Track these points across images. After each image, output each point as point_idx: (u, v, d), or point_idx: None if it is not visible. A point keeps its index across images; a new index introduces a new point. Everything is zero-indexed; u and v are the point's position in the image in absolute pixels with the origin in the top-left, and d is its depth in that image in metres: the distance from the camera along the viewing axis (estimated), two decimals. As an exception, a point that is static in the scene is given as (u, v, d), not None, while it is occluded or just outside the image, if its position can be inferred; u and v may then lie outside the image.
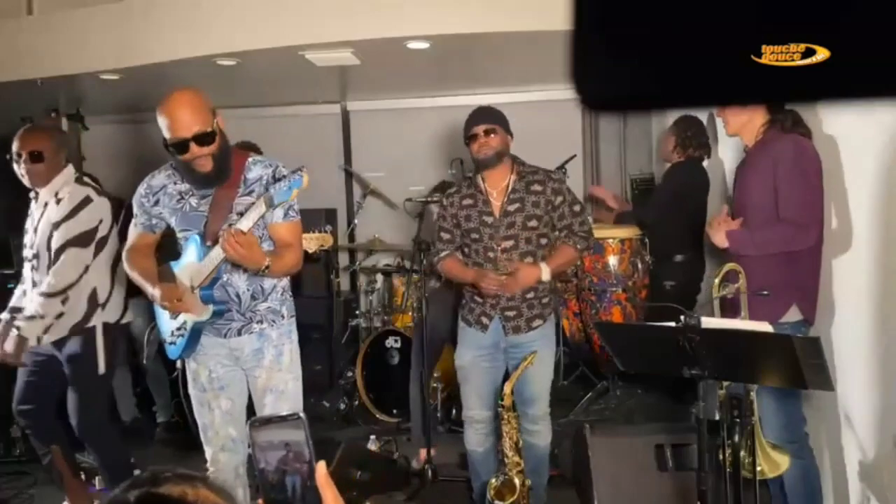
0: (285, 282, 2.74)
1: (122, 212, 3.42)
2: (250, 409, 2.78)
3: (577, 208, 3.14)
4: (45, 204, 3.23)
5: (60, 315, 3.17)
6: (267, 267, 2.45)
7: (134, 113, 5.89)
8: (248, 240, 2.39)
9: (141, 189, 2.69)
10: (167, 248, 2.81)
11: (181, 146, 2.46)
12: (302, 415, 1.07)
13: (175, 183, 2.64)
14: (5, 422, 4.26)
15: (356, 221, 5.78)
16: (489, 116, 3.08)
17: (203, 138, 2.46)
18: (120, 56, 4.20)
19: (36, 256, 3.22)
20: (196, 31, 4.02)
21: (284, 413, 1.09)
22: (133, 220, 2.75)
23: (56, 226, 3.16)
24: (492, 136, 3.03)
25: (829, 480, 2.89)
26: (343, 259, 6.03)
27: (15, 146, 3.19)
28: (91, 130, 5.39)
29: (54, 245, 3.15)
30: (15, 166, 3.21)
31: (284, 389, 2.67)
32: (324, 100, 5.83)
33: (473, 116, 3.11)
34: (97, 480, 3.66)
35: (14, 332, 3.13)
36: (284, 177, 2.46)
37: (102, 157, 5.76)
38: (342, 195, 6.07)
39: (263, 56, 4.07)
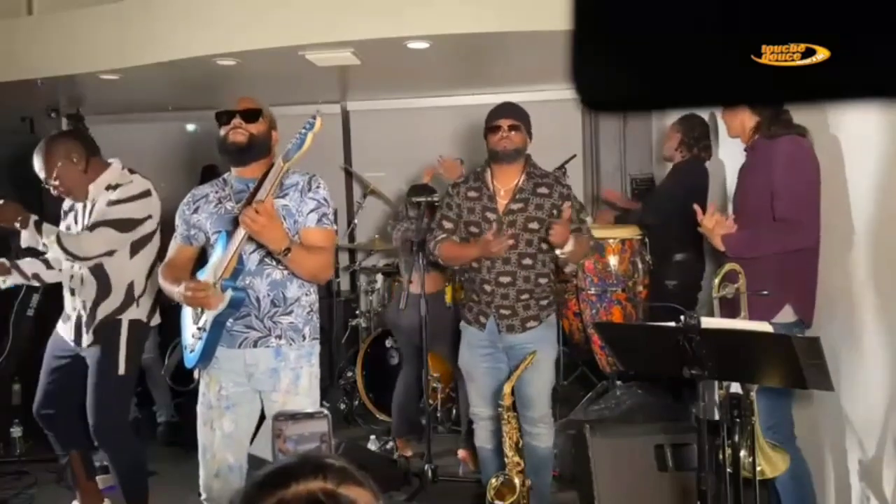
0: (313, 298, 2.65)
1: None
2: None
3: (583, 216, 3.20)
4: (94, 201, 3.22)
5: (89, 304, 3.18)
6: (287, 250, 2.39)
7: (134, 113, 5.90)
8: (265, 208, 2.35)
9: (184, 200, 2.69)
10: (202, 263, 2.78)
11: (227, 115, 2.55)
12: (326, 411, 1.23)
13: (216, 191, 2.64)
14: (5, 422, 4.27)
15: (356, 221, 5.78)
16: (515, 112, 3.10)
17: (248, 115, 2.55)
18: (120, 56, 4.20)
19: None
20: (196, 31, 4.02)
21: (310, 410, 1.20)
22: (173, 236, 2.73)
23: (109, 204, 3.16)
24: (514, 132, 3.04)
25: (831, 482, 2.88)
26: (343, 259, 6.03)
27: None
28: (91, 130, 5.39)
29: (94, 219, 3.14)
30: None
31: None
32: (324, 100, 5.83)
33: (500, 109, 3.11)
34: (99, 480, 3.65)
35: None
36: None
37: (102, 157, 5.77)
38: (342, 195, 6.07)
39: (263, 56, 4.06)
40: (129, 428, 3.50)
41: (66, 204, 3.34)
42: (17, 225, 3.05)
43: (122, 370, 3.21)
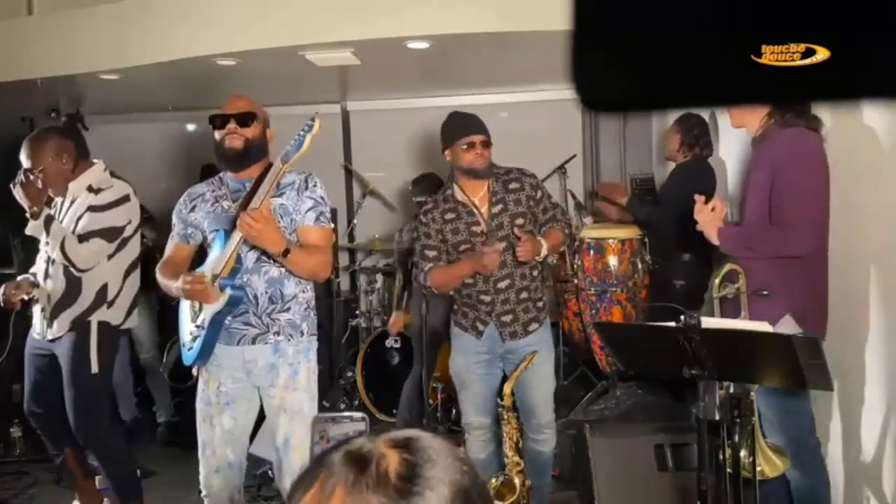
0: (309, 294, 2.66)
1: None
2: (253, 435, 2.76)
3: (554, 201, 3.17)
4: (74, 199, 3.23)
5: (64, 302, 3.18)
6: (287, 251, 2.41)
7: (134, 113, 5.90)
8: (262, 214, 2.36)
9: (181, 198, 2.70)
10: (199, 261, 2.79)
11: (221, 119, 2.56)
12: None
13: (213, 190, 2.66)
14: (5, 422, 4.26)
15: (356, 221, 5.78)
16: (483, 127, 3.02)
17: (243, 118, 2.55)
18: (120, 56, 4.20)
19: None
20: (196, 31, 4.02)
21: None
22: (171, 235, 2.75)
23: (91, 210, 3.16)
24: (486, 148, 2.98)
25: (840, 487, 2.86)
26: (343, 259, 6.03)
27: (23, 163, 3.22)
28: (91, 130, 5.39)
29: (80, 230, 3.14)
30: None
31: (300, 410, 2.59)
32: (324, 100, 5.83)
33: (466, 124, 3.01)
34: (97, 480, 3.65)
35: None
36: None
37: (102, 157, 5.78)
38: (342, 195, 6.07)
39: (263, 56, 4.07)
40: (112, 425, 3.50)
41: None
42: (30, 212, 3.06)
43: (94, 369, 3.21)
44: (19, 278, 3.37)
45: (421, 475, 0.78)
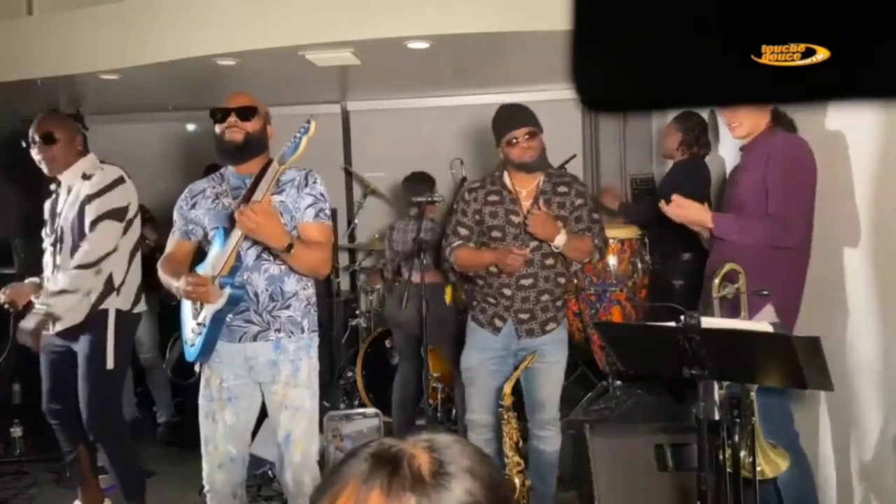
0: (310, 291, 2.67)
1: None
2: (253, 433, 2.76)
3: (595, 216, 3.11)
4: (70, 188, 3.24)
5: (89, 292, 3.17)
6: (290, 246, 2.41)
7: (134, 113, 5.89)
8: (263, 207, 2.36)
9: (182, 195, 2.71)
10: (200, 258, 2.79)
11: (222, 113, 2.57)
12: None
13: (214, 187, 2.67)
14: (5, 422, 4.27)
15: (356, 221, 5.78)
16: (530, 117, 2.97)
17: (244, 112, 2.57)
18: (120, 56, 4.20)
19: (60, 240, 3.22)
20: (196, 31, 4.02)
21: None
22: (172, 230, 2.76)
23: (90, 199, 3.17)
24: (533, 139, 2.94)
25: (833, 483, 2.87)
26: (343, 259, 6.03)
27: (31, 132, 3.23)
28: (91, 130, 5.39)
29: (89, 217, 3.14)
30: (33, 153, 3.23)
31: (301, 406, 2.61)
32: (324, 100, 5.83)
33: (512, 117, 2.98)
34: (100, 480, 3.65)
35: (41, 309, 3.09)
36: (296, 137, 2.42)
37: (102, 157, 5.79)
38: (342, 195, 6.07)
39: (263, 56, 4.07)
40: (123, 419, 3.51)
41: (52, 188, 3.38)
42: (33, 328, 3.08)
43: (110, 364, 3.22)
44: (26, 281, 3.37)
45: (450, 471, 0.81)
